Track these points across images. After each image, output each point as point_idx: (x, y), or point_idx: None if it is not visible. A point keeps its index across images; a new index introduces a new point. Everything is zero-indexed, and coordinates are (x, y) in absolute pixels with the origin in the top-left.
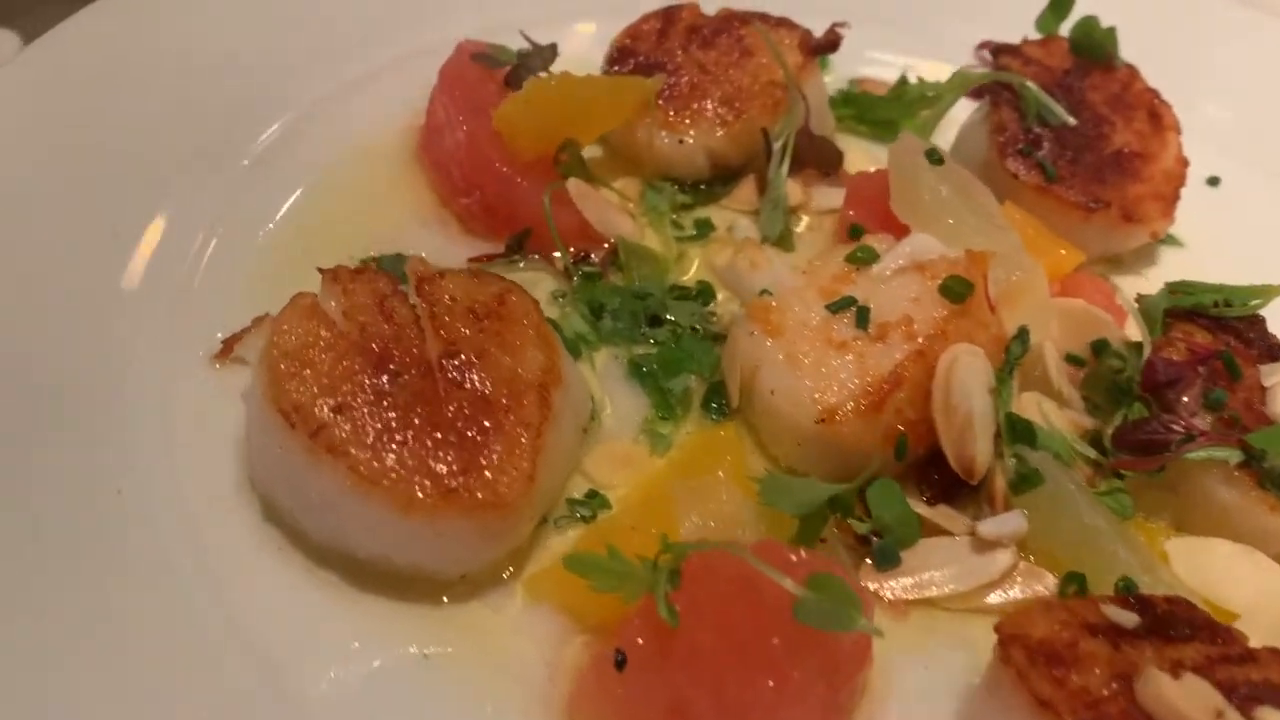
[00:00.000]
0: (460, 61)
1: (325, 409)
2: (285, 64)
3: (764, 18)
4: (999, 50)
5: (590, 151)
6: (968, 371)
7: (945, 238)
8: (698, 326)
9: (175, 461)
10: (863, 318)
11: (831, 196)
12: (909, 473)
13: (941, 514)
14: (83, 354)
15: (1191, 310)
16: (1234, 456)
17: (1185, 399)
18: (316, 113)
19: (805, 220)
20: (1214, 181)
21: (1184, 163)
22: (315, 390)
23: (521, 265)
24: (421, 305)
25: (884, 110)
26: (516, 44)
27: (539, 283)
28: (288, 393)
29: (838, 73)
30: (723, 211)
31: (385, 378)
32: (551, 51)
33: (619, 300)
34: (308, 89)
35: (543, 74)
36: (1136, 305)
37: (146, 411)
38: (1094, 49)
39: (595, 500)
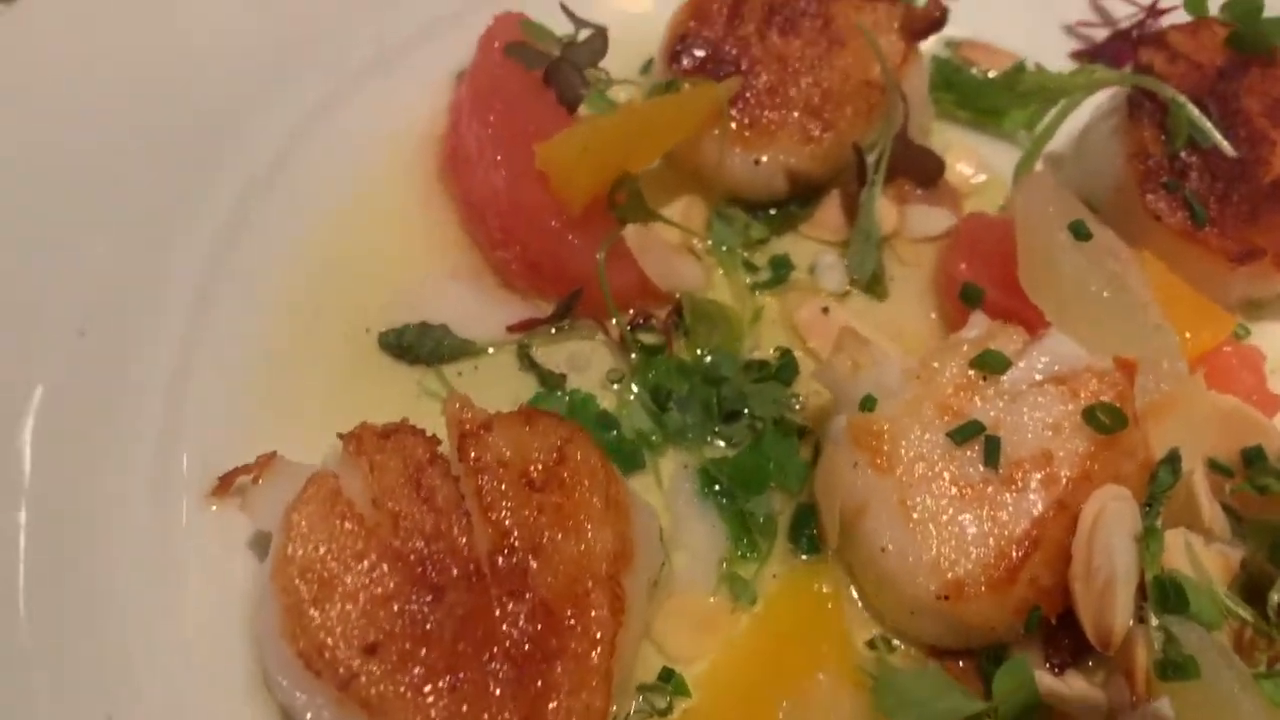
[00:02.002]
0: (490, 60)
1: (355, 651)
2: (266, 61)
3: None
4: (1141, 41)
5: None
6: (1114, 523)
7: (1087, 333)
8: (780, 417)
9: (173, 666)
10: (993, 452)
11: (931, 219)
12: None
13: (1073, 692)
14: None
15: None
16: None
17: None
18: (311, 122)
19: (898, 248)
20: None
21: None
22: (343, 624)
23: (583, 336)
24: (466, 478)
25: (990, 98)
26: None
27: (593, 357)
28: (308, 628)
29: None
30: (803, 242)
31: (427, 597)
32: (601, 41)
33: (687, 385)
34: (299, 89)
35: (595, 74)
36: None
37: (132, 584)
38: (1256, 41)
39: (671, 684)
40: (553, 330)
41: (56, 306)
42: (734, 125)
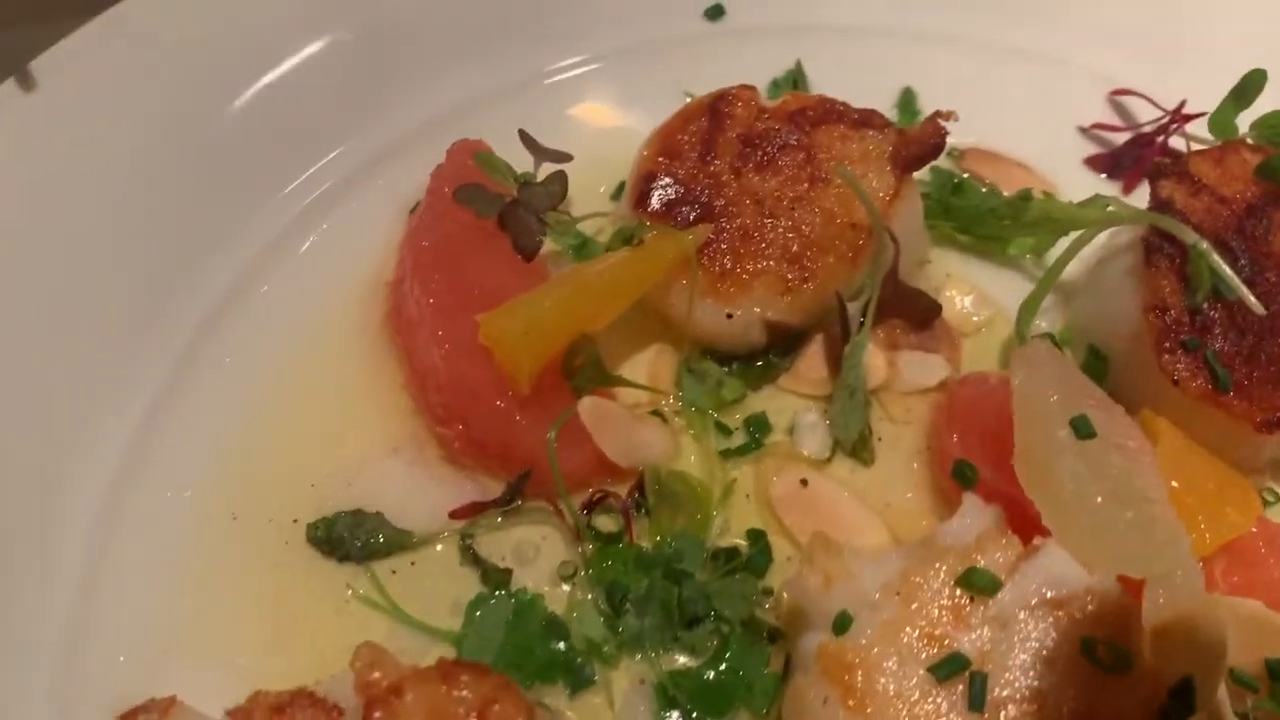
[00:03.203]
0: (437, 208)
1: None
2: (204, 218)
3: (842, 114)
4: (1158, 174)
5: None
6: None
7: (1088, 544)
8: (750, 617)
9: None
10: (978, 694)
11: (925, 367)
12: None
13: None
14: None
15: None
16: None
17: None
18: (248, 280)
19: (887, 403)
20: None
21: None
22: None
23: (533, 520)
24: None
25: (993, 226)
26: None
27: (543, 545)
28: None
29: None
30: (782, 396)
31: None
32: (560, 184)
33: (646, 582)
34: (244, 233)
35: (557, 215)
36: None
37: None
38: None
39: None
40: (499, 517)
41: None
42: (704, 274)
